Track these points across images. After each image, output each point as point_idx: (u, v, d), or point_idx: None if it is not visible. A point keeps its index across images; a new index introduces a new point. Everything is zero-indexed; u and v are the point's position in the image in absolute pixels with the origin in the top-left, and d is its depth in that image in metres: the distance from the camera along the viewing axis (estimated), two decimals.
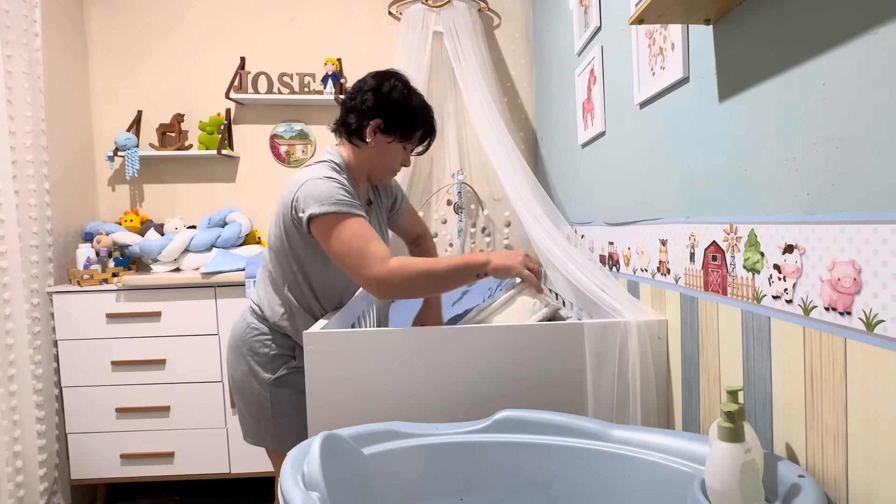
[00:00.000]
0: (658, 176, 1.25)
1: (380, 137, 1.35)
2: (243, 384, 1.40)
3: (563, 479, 1.03)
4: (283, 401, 1.38)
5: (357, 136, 1.35)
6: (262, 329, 1.38)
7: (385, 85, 1.34)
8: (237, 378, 1.41)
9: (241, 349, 1.39)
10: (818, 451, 0.76)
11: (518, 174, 1.87)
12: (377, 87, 1.34)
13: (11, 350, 1.97)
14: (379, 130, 1.34)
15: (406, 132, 1.37)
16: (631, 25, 1.15)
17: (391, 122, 1.34)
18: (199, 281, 2.17)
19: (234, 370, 1.42)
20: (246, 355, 1.38)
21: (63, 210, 2.33)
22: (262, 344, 1.38)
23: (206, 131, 2.52)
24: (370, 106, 1.32)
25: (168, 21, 2.59)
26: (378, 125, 1.33)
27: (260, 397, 1.38)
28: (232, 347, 1.43)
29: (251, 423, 1.43)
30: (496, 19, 2.67)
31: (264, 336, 1.38)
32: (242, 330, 1.41)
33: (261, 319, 1.40)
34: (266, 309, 1.39)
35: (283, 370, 1.38)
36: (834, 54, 0.70)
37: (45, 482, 2.06)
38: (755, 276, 0.88)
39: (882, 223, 0.63)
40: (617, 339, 1.22)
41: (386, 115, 1.33)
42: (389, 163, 1.42)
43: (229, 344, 1.44)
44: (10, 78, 1.98)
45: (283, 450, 1.30)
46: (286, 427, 1.39)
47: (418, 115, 1.38)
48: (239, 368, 1.40)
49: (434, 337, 1.25)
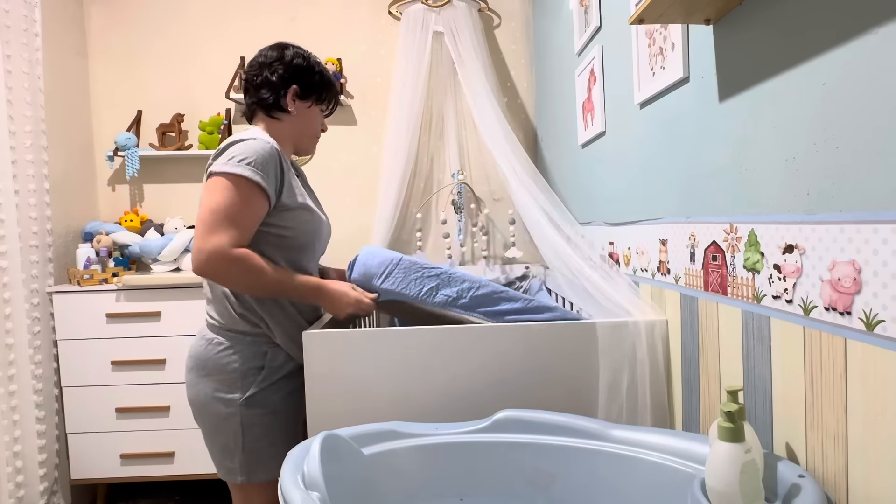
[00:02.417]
0: (658, 176, 1.25)
1: (299, 104, 1.35)
2: (207, 409, 1.27)
3: (563, 479, 1.03)
4: (255, 423, 1.25)
5: (277, 109, 1.33)
6: (223, 341, 1.27)
7: (287, 54, 1.34)
8: (199, 403, 1.28)
9: (205, 368, 1.27)
10: (818, 451, 0.76)
11: (524, 172, 1.88)
12: (281, 57, 1.33)
13: (11, 350, 1.97)
14: (297, 97, 1.34)
15: (320, 94, 1.38)
16: (631, 25, 1.15)
17: (306, 86, 1.35)
18: (199, 281, 2.17)
19: (194, 394, 1.29)
20: (211, 374, 1.26)
21: (63, 210, 2.33)
22: (227, 358, 1.26)
23: (206, 131, 2.51)
24: (281, 75, 1.32)
25: (168, 20, 2.59)
26: (295, 92, 1.33)
27: (227, 422, 1.25)
28: (191, 369, 1.30)
29: (216, 455, 1.29)
30: (496, 19, 2.67)
31: (228, 350, 1.26)
32: (203, 348, 1.28)
33: (220, 330, 1.28)
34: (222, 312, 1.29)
35: (252, 388, 1.25)
36: (834, 54, 0.70)
37: (45, 482, 2.06)
38: (755, 276, 0.88)
39: (882, 223, 0.63)
40: (627, 338, 1.22)
41: (300, 81, 1.33)
42: (312, 128, 1.42)
43: (188, 367, 1.31)
44: (10, 78, 1.98)
45: (254, 481, 1.26)
46: (255, 453, 1.25)
47: (325, 75, 1.39)
48: (202, 391, 1.27)
49: (434, 337, 1.25)
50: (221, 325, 1.29)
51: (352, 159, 2.64)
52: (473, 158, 2.62)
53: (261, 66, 1.34)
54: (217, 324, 1.30)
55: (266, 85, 1.32)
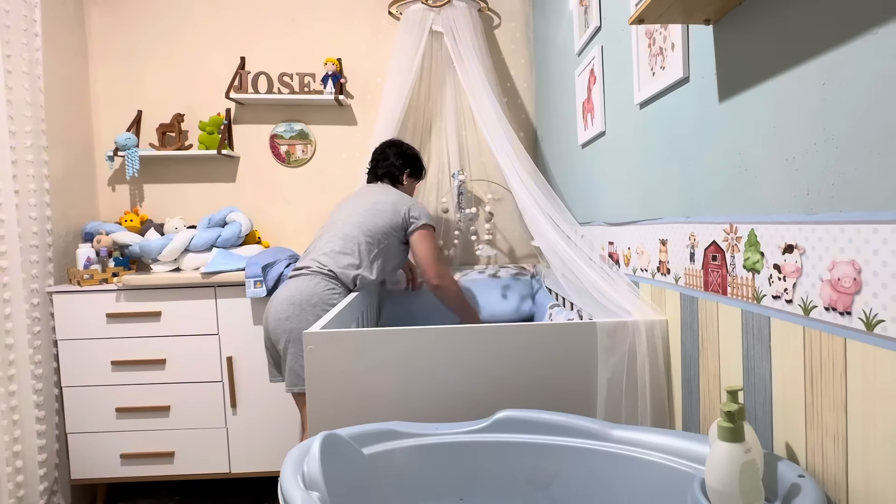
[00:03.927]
0: (658, 176, 1.25)
1: (408, 180, 2.18)
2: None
3: (563, 479, 1.03)
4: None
5: (397, 182, 2.15)
6: (333, 285, 1.79)
7: (403, 148, 2.19)
8: (300, 330, 1.65)
9: (311, 301, 1.74)
10: (818, 451, 0.76)
11: (525, 171, 1.89)
12: (399, 151, 2.17)
13: (11, 350, 1.97)
14: (408, 176, 2.17)
15: (420, 174, 2.24)
16: (631, 25, 1.15)
17: (414, 169, 2.19)
18: (199, 281, 2.18)
19: (296, 325, 1.71)
20: (316, 305, 1.73)
21: (63, 210, 2.33)
22: (332, 294, 1.77)
23: (206, 131, 2.51)
24: (401, 163, 2.15)
25: (168, 21, 2.59)
26: (408, 173, 2.17)
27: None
28: (297, 304, 1.74)
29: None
30: (496, 19, 2.67)
31: (333, 290, 1.78)
32: (314, 286, 1.77)
33: (329, 278, 1.80)
34: (337, 268, 1.82)
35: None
36: (834, 54, 0.70)
37: (45, 482, 2.06)
38: (755, 275, 0.88)
39: (882, 223, 0.63)
40: (627, 338, 1.22)
41: (411, 166, 2.18)
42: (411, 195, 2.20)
43: (294, 302, 1.74)
44: (10, 78, 1.98)
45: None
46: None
47: (421, 161, 2.23)
48: (304, 321, 1.70)
49: (434, 337, 1.25)
50: (331, 275, 1.81)
51: (352, 159, 2.64)
52: (473, 158, 2.62)
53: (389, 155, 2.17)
54: (329, 274, 1.81)
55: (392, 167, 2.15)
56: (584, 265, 1.48)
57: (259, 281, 2.11)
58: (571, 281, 1.60)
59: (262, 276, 2.11)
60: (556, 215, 1.72)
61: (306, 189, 2.66)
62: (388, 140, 2.23)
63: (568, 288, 1.83)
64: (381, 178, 2.14)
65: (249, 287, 2.11)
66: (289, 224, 2.66)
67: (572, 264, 1.51)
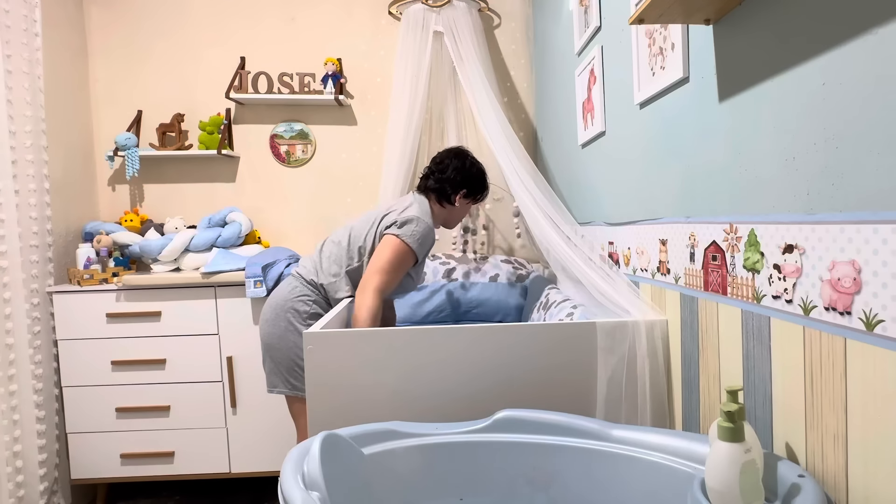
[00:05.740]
0: (658, 176, 1.25)
1: (461, 201, 1.83)
2: (281, 340, 1.68)
3: (563, 479, 1.03)
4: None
5: (445, 200, 1.82)
6: (307, 291, 1.71)
7: (466, 162, 1.83)
8: (276, 335, 1.68)
9: (284, 307, 1.69)
10: (818, 451, 0.76)
11: (525, 171, 1.89)
12: (461, 166, 1.82)
13: (11, 350, 1.97)
14: (463, 196, 1.82)
15: (479, 195, 1.88)
16: (631, 25, 1.15)
17: (472, 190, 1.83)
18: (199, 281, 2.17)
19: (272, 329, 1.69)
20: (287, 312, 1.68)
21: (63, 210, 2.33)
22: (304, 302, 1.70)
23: (206, 131, 2.51)
24: (458, 180, 1.80)
25: (168, 21, 2.59)
26: (464, 193, 1.82)
27: (296, 349, 1.65)
28: (273, 307, 1.71)
29: (283, 375, 1.69)
30: (496, 19, 2.67)
31: (307, 296, 1.71)
32: (287, 292, 1.72)
33: (306, 284, 1.72)
34: (320, 275, 1.73)
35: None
36: (833, 54, 0.70)
37: (45, 482, 2.06)
38: (755, 275, 0.88)
39: (882, 223, 0.63)
40: (627, 338, 1.22)
41: (469, 186, 1.82)
42: (462, 216, 1.92)
43: (271, 305, 1.73)
44: (10, 78, 1.98)
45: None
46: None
47: (485, 181, 1.88)
48: (278, 326, 1.68)
49: (434, 337, 1.25)
50: (308, 282, 1.73)
51: (352, 159, 2.64)
52: None
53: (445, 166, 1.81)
54: (305, 280, 1.73)
55: (445, 181, 1.80)
56: (584, 265, 1.48)
57: (259, 281, 2.11)
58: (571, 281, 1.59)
59: (262, 276, 2.11)
60: (556, 215, 1.72)
61: (306, 189, 2.66)
62: (453, 148, 1.91)
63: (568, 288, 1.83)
64: (427, 191, 1.83)
65: (249, 287, 2.11)
66: (289, 224, 2.66)
67: (572, 264, 1.51)
